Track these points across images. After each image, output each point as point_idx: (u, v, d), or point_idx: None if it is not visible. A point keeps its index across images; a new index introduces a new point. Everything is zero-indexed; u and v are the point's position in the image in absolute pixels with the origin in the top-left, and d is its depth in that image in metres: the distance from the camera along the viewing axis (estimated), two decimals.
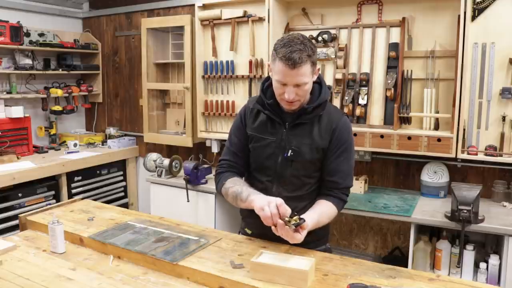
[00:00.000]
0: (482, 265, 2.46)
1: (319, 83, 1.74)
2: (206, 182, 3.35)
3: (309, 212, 1.62)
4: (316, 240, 1.79)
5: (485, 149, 2.60)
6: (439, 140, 2.65)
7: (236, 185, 1.71)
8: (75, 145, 3.98)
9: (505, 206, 2.68)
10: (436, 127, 2.83)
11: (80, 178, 3.84)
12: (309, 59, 1.56)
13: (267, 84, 1.76)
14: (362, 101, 2.96)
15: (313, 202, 1.72)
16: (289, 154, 1.69)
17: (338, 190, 1.72)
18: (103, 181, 4.12)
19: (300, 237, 1.49)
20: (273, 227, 1.50)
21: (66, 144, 4.13)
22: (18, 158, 3.61)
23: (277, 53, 1.56)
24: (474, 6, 2.52)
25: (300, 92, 1.60)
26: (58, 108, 4.11)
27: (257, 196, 1.60)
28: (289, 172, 1.72)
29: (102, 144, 4.38)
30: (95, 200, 2.64)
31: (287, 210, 1.49)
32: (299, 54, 1.53)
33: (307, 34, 2.78)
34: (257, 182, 1.79)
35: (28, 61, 3.90)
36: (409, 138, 2.72)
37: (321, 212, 1.65)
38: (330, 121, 1.70)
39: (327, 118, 1.71)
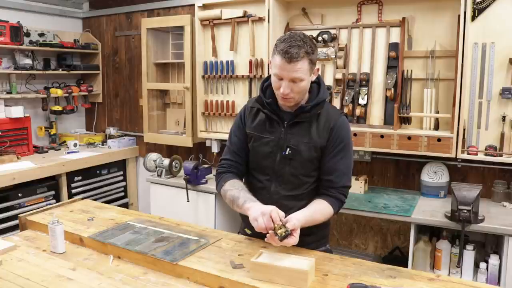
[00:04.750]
0: (482, 265, 2.46)
1: (318, 83, 1.75)
2: (206, 182, 3.35)
3: (302, 210, 1.62)
4: (316, 241, 1.80)
5: (485, 149, 2.60)
6: (439, 140, 2.65)
7: (234, 189, 1.71)
8: (75, 145, 3.98)
9: (505, 206, 2.68)
10: (436, 127, 2.83)
11: (80, 178, 3.84)
12: (306, 55, 1.57)
13: (266, 84, 1.77)
14: (362, 101, 2.96)
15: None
16: (287, 152, 1.70)
17: (335, 190, 1.71)
18: (103, 181, 4.12)
19: (293, 241, 1.50)
20: (265, 238, 1.52)
21: (66, 144, 4.13)
22: (18, 158, 3.61)
23: (276, 48, 1.59)
24: (474, 6, 2.52)
25: (295, 88, 1.61)
26: (58, 108, 4.11)
27: (252, 205, 1.60)
28: (287, 171, 1.72)
29: (102, 144, 4.38)
30: (95, 200, 2.64)
31: (279, 216, 1.50)
32: (297, 49, 1.55)
33: (307, 34, 2.77)
34: (256, 181, 1.80)
35: (28, 61, 3.90)
36: (409, 138, 2.72)
37: (315, 209, 1.65)
38: (329, 120, 1.71)
39: (326, 117, 1.71)
